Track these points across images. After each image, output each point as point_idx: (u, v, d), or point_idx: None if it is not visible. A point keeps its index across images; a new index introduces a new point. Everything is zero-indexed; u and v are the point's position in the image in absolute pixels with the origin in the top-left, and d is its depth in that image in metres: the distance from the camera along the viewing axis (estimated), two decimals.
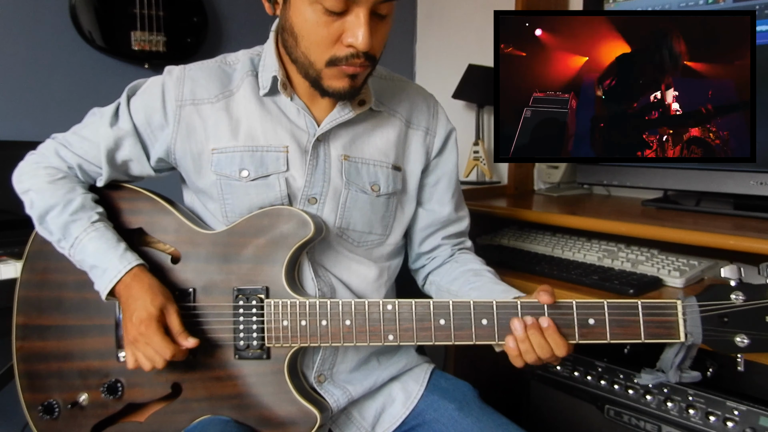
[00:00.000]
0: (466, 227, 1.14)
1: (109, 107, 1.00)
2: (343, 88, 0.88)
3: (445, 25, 2.27)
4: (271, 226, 0.93)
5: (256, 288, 0.93)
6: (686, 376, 0.86)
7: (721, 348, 0.82)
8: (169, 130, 0.96)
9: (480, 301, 0.87)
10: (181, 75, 0.97)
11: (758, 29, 1.23)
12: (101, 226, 0.95)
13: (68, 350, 0.99)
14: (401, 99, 1.05)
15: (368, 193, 0.99)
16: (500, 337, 0.87)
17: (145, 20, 1.79)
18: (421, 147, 1.05)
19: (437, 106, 1.09)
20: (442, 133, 1.07)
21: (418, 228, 1.10)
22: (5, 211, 1.48)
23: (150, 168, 1.01)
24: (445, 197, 1.09)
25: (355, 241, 1.00)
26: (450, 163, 1.08)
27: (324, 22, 0.83)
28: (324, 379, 0.98)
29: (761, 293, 0.81)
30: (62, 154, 0.99)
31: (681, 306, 0.84)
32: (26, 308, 1.01)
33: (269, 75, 0.95)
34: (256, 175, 0.95)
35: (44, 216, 0.96)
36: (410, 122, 1.05)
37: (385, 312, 0.89)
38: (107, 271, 0.92)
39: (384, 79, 1.05)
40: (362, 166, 0.99)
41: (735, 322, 0.81)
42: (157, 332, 0.88)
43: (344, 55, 0.85)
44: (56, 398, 0.98)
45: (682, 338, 0.83)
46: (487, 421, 0.98)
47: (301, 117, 0.97)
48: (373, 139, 1.01)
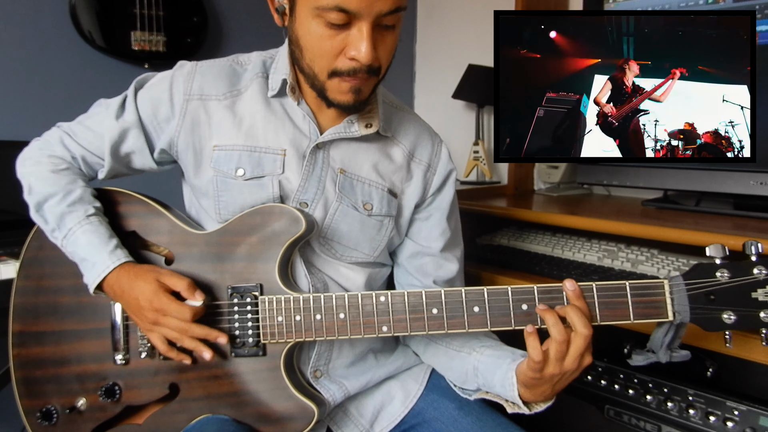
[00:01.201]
0: (457, 273, 1.07)
1: (116, 99, 1.00)
2: (347, 101, 0.88)
3: (445, 25, 2.27)
4: (263, 224, 0.94)
5: (250, 286, 0.93)
6: (676, 356, 0.86)
7: (708, 326, 0.83)
8: (175, 122, 0.97)
9: (471, 289, 0.87)
10: (192, 70, 0.97)
11: (758, 29, 1.23)
12: (95, 220, 0.95)
13: (65, 355, 0.99)
14: (407, 131, 1.04)
15: (360, 211, 0.98)
16: (492, 324, 0.87)
17: (145, 20, 1.79)
18: (421, 181, 1.03)
19: (441, 145, 1.07)
20: (442, 171, 1.05)
21: (403, 257, 1.07)
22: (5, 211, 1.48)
23: (152, 161, 1.01)
24: (433, 232, 1.04)
25: (338, 254, 0.99)
26: (445, 201, 1.06)
27: (327, 35, 0.83)
28: (320, 374, 0.98)
29: (746, 270, 0.81)
30: (67, 143, 1.00)
31: (668, 285, 0.84)
32: (22, 315, 1.01)
33: (280, 77, 0.95)
34: (251, 175, 0.95)
35: (42, 204, 0.96)
36: (413, 155, 1.04)
37: (378, 303, 0.89)
38: (96, 266, 0.92)
39: (394, 107, 1.05)
40: (357, 183, 0.99)
41: (721, 299, 0.82)
42: (170, 300, 0.88)
43: (347, 68, 0.85)
44: (54, 404, 0.98)
45: (671, 317, 0.84)
46: (488, 420, 0.98)
47: (305, 122, 0.97)
48: (374, 160, 1.00)
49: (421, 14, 2.37)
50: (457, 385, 1.03)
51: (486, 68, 1.94)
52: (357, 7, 0.79)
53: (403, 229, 1.05)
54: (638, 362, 0.88)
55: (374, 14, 0.80)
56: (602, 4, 1.47)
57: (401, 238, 1.06)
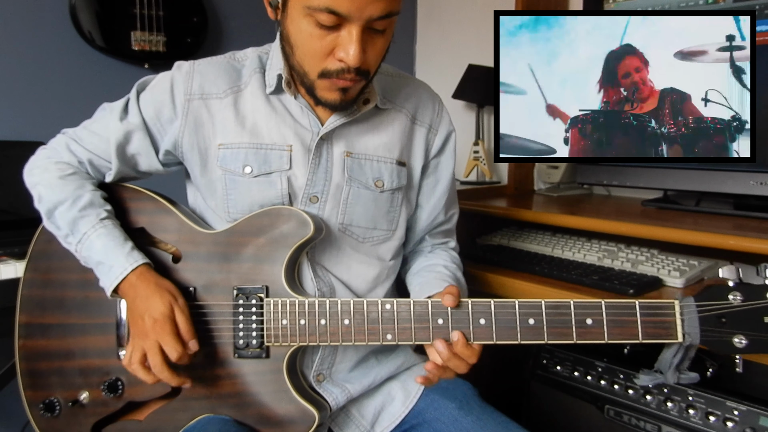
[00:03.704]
0: (453, 225, 1.15)
1: (119, 102, 1.01)
2: (335, 100, 0.89)
3: (445, 25, 2.27)
4: (271, 226, 0.94)
5: (255, 287, 0.93)
6: (684, 377, 0.85)
7: (719, 349, 0.82)
8: (178, 123, 0.97)
9: (478, 300, 0.88)
10: (190, 69, 0.98)
11: (758, 29, 1.23)
12: (109, 224, 0.95)
13: (70, 348, 0.99)
14: (408, 95, 1.05)
15: (371, 189, 0.99)
16: (498, 338, 0.87)
17: (145, 20, 1.79)
18: (423, 143, 1.05)
19: (442, 106, 1.09)
20: (443, 132, 1.07)
21: (415, 230, 1.11)
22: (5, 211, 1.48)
23: (158, 162, 1.01)
24: (440, 202, 1.09)
25: (360, 237, 1.00)
26: (449, 167, 1.09)
27: (318, 35, 0.83)
28: (323, 378, 0.98)
29: (760, 294, 0.80)
30: (73, 148, 1.00)
31: (679, 306, 0.83)
32: (29, 307, 1.01)
33: (275, 73, 0.96)
34: (259, 172, 0.95)
35: (53, 211, 0.96)
36: (416, 118, 1.05)
37: (384, 311, 0.89)
38: (113, 268, 0.92)
39: (391, 76, 1.06)
40: (365, 162, 0.99)
41: (733, 322, 0.81)
42: (171, 333, 0.88)
43: (335, 68, 0.85)
44: (57, 396, 0.98)
45: (680, 339, 0.83)
46: (488, 419, 0.98)
47: (305, 116, 0.97)
48: (378, 135, 1.01)
49: (421, 14, 2.37)
50: None
51: (486, 68, 1.94)
52: (347, 10, 0.79)
53: (413, 196, 1.07)
54: (645, 382, 0.87)
55: (365, 18, 0.80)
56: (602, 4, 1.47)
57: (412, 207, 1.08)
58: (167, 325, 0.88)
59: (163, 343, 0.88)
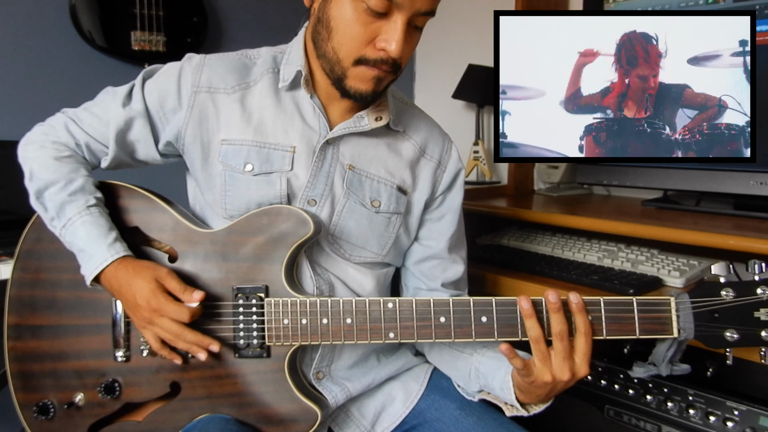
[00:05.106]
0: (462, 274, 1.08)
1: (123, 87, 1.00)
2: (366, 90, 0.89)
3: (445, 25, 2.27)
4: (270, 225, 0.93)
5: (255, 287, 0.93)
6: (677, 369, 0.87)
7: (711, 343, 0.84)
8: (182, 114, 0.96)
9: (480, 299, 0.88)
10: (201, 62, 0.97)
11: (758, 29, 1.23)
12: (96, 212, 0.94)
13: (63, 350, 0.98)
14: (418, 127, 1.04)
15: (367, 208, 0.98)
16: (499, 335, 0.87)
17: (145, 20, 1.79)
18: (430, 178, 1.03)
19: (452, 143, 1.08)
20: (452, 169, 1.05)
21: (410, 261, 1.07)
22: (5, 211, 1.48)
23: (156, 152, 1.01)
24: (445, 234, 1.05)
25: (347, 253, 0.99)
26: (457, 201, 1.06)
27: (363, 20, 0.83)
28: (322, 376, 0.98)
29: (750, 289, 0.82)
30: (71, 129, 0.99)
31: (674, 303, 0.85)
32: (19, 307, 0.99)
33: (293, 69, 0.95)
34: (260, 171, 0.95)
35: (43, 191, 0.95)
36: (424, 151, 1.04)
37: (386, 310, 0.89)
38: (93, 258, 0.91)
39: (404, 103, 1.05)
40: (365, 179, 0.98)
41: (725, 317, 0.83)
42: (167, 300, 0.88)
43: (374, 57, 0.85)
44: (51, 398, 0.98)
45: (676, 334, 0.85)
46: (489, 420, 0.98)
47: (315, 117, 0.96)
48: (384, 156, 1.00)
49: None
50: (461, 386, 1.03)
51: (486, 68, 1.94)
52: None
53: (413, 229, 1.04)
54: (639, 374, 0.89)
55: (414, 10, 0.82)
56: (602, 4, 1.47)
57: (410, 240, 1.05)
58: (160, 296, 0.88)
59: (168, 315, 0.87)
